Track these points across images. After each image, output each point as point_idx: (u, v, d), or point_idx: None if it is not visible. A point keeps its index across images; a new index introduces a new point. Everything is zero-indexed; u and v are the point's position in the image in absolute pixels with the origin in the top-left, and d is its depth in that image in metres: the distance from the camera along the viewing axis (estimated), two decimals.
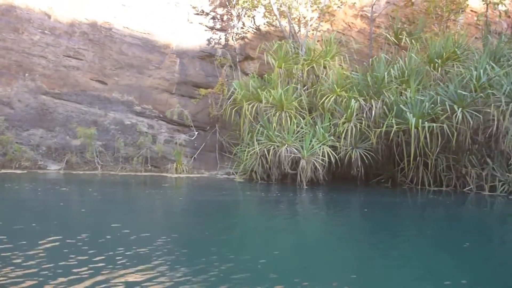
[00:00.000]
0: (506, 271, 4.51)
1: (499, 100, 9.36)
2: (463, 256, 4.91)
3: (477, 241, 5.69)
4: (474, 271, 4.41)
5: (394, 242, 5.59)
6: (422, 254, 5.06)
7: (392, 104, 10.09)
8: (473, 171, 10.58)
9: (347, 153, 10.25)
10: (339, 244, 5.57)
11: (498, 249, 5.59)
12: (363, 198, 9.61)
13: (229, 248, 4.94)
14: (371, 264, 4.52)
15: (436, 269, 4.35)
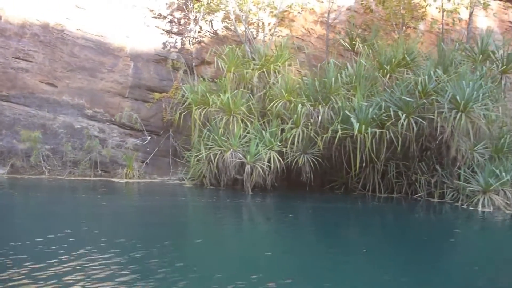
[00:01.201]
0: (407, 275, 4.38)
1: (443, 106, 9.31)
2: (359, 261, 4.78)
3: (393, 245, 5.59)
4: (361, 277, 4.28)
5: (292, 246, 5.51)
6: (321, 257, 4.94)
7: (339, 109, 10.00)
8: (423, 178, 10.54)
9: (295, 159, 10.12)
10: (250, 249, 5.44)
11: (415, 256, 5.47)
12: (305, 204, 9.46)
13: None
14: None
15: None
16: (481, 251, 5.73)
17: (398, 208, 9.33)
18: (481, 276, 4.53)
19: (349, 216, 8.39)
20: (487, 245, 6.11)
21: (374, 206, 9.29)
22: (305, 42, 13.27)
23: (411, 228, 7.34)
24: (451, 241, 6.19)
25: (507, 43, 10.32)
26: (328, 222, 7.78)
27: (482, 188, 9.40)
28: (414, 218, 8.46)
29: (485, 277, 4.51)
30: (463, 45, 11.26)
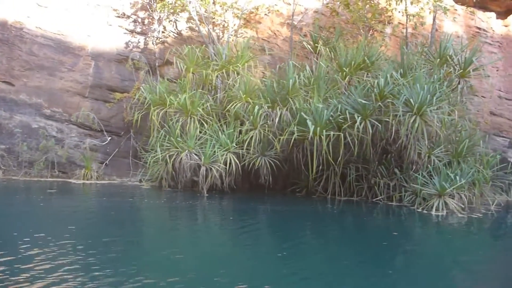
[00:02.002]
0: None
1: (399, 109, 9.29)
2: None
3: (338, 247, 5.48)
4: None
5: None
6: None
7: (297, 111, 9.92)
8: (382, 182, 10.51)
9: (252, 161, 10.01)
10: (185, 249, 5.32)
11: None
12: (257, 206, 9.32)
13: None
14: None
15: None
16: (404, 253, 5.63)
17: (351, 211, 9.27)
18: (401, 279, 4.45)
19: (299, 219, 8.25)
20: (415, 247, 6.00)
21: (328, 209, 9.21)
22: (271, 44, 13.21)
23: (354, 231, 7.26)
24: (384, 244, 6.06)
25: (465, 48, 10.36)
26: (274, 224, 7.68)
27: (438, 192, 9.40)
28: (362, 221, 8.34)
29: (404, 281, 4.43)
30: (423, 49, 11.28)
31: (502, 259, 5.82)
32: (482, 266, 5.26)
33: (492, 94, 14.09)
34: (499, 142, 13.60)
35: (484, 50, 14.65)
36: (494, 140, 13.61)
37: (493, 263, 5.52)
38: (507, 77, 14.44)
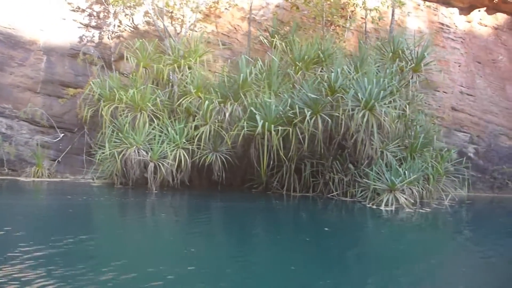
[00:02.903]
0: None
1: (349, 104, 9.20)
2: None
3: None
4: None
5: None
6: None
7: (248, 106, 9.78)
8: (337, 177, 10.44)
9: (203, 157, 9.84)
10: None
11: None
12: (206, 203, 9.13)
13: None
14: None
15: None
16: (319, 248, 5.52)
17: (299, 206, 9.15)
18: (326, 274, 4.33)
19: (248, 215, 8.08)
20: (337, 243, 5.87)
21: (275, 205, 9.07)
22: (231, 39, 13.03)
23: (284, 227, 7.10)
24: (306, 240, 5.92)
25: (418, 43, 10.31)
26: (220, 221, 7.51)
27: (388, 187, 9.35)
28: (299, 217, 8.13)
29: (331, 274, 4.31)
30: (378, 44, 11.21)
31: (416, 251, 5.80)
32: (391, 257, 5.28)
33: (454, 90, 14.13)
34: (460, 137, 13.65)
35: (447, 46, 14.72)
36: (455, 135, 13.66)
37: (399, 255, 5.48)
38: (469, 72, 14.50)
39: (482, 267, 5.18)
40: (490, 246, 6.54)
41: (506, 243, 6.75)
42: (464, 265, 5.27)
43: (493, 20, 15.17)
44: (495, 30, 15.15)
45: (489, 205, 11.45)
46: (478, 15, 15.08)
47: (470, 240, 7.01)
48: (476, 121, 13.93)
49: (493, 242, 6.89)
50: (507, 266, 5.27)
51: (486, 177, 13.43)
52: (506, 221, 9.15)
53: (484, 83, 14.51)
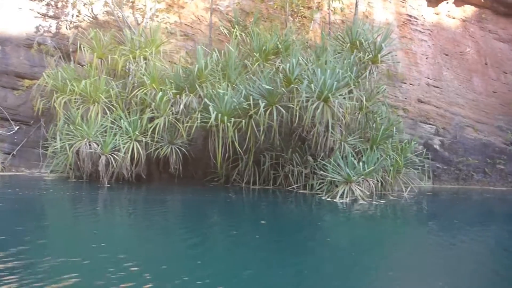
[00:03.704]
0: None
1: (306, 95, 9.07)
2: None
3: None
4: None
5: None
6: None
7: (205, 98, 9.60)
8: (296, 170, 10.35)
9: (158, 149, 9.65)
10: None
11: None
12: (157, 196, 8.95)
13: None
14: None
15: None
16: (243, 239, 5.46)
17: (256, 199, 9.03)
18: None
19: (189, 208, 7.90)
20: (268, 236, 5.81)
21: (230, 198, 8.93)
22: (195, 30, 12.81)
23: (228, 218, 6.98)
24: (233, 233, 5.84)
25: (376, 33, 10.20)
26: (165, 214, 7.35)
27: (345, 179, 9.28)
28: (251, 209, 8.01)
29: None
30: (337, 34, 11.09)
31: (346, 242, 5.78)
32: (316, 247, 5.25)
33: (421, 82, 14.11)
34: (426, 129, 13.65)
35: (414, 38, 14.68)
36: (421, 127, 13.66)
37: (328, 246, 5.44)
38: (436, 64, 14.49)
39: (412, 257, 5.15)
40: (430, 236, 6.52)
41: (446, 234, 6.73)
42: (398, 256, 5.22)
43: (461, 13, 15.16)
44: (463, 22, 15.15)
45: (449, 196, 11.45)
46: (446, 7, 15.06)
47: (412, 231, 6.99)
48: (442, 113, 13.94)
49: (433, 233, 6.88)
50: (441, 255, 5.23)
51: (451, 169, 13.46)
52: (456, 212, 9.15)
53: (451, 75, 14.52)
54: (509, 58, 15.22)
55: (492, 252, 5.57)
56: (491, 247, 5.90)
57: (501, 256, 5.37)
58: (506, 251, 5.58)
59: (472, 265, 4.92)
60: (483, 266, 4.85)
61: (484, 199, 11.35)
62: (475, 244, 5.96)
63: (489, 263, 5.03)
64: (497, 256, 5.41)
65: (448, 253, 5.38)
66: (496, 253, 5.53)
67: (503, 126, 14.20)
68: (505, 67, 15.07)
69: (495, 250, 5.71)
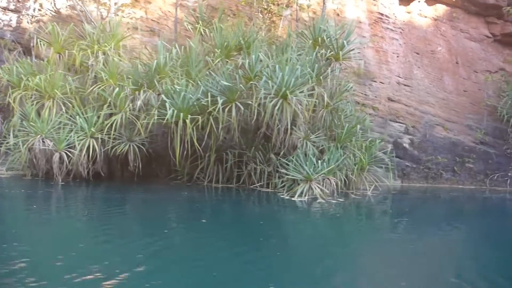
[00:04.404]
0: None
1: (267, 92, 8.93)
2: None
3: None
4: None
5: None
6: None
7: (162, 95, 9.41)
8: (259, 168, 10.22)
9: (115, 147, 9.44)
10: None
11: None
12: (106, 194, 8.76)
13: None
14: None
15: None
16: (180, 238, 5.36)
17: (214, 198, 8.90)
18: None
19: (142, 207, 7.72)
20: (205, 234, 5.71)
21: (186, 196, 8.75)
22: (161, 26, 12.60)
23: (178, 216, 6.85)
24: (164, 232, 5.67)
25: (339, 31, 10.11)
26: (103, 211, 7.16)
27: (305, 178, 9.17)
28: (199, 208, 7.78)
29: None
30: (301, 31, 10.98)
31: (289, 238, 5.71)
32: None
33: (391, 80, 14.07)
34: (396, 127, 13.61)
35: (385, 36, 14.65)
36: (390, 125, 13.62)
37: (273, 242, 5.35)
38: (407, 63, 14.47)
39: (354, 254, 5.07)
40: (379, 234, 6.44)
41: (395, 231, 6.68)
42: (337, 253, 5.12)
43: (432, 11, 15.17)
44: (435, 21, 15.16)
45: (414, 195, 11.44)
46: (418, 6, 15.05)
47: (360, 229, 6.92)
48: (412, 112, 13.92)
49: (382, 230, 6.82)
50: (383, 252, 5.15)
51: (420, 167, 13.45)
52: (413, 210, 9.12)
53: (422, 73, 14.51)
54: (480, 57, 15.27)
55: (437, 252, 5.51)
56: (438, 245, 5.84)
57: (446, 256, 5.31)
58: (447, 251, 5.52)
59: (416, 263, 4.84)
60: (426, 265, 4.77)
61: (447, 198, 11.35)
62: (421, 242, 5.89)
63: (430, 262, 4.94)
64: (442, 255, 5.34)
65: (392, 250, 5.32)
66: (441, 252, 5.47)
67: (473, 125, 14.23)
68: (476, 66, 15.12)
69: (440, 248, 5.65)
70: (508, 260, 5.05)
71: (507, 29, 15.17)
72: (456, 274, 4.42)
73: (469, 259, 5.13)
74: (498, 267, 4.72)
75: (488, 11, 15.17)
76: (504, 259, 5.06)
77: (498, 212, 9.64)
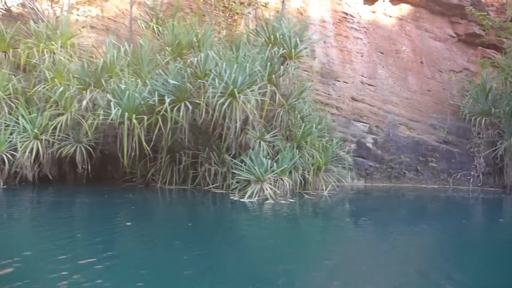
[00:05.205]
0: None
1: (216, 90, 8.73)
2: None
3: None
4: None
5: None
6: None
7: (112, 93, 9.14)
8: (213, 168, 10.03)
9: (61, 148, 9.14)
10: None
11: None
12: (46, 198, 8.48)
13: None
14: None
15: None
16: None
17: (161, 200, 8.69)
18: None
19: (88, 210, 7.50)
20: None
21: (130, 199, 8.47)
22: (118, 24, 12.31)
23: (112, 220, 6.61)
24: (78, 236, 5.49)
25: (292, 28, 9.97)
26: (33, 214, 6.91)
27: (256, 179, 9.00)
28: (143, 211, 7.58)
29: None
30: (255, 29, 10.82)
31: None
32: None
33: (355, 80, 14.00)
34: (359, 127, 13.54)
35: (350, 36, 14.58)
36: (354, 125, 13.54)
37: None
38: (371, 62, 14.43)
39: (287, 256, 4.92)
40: (316, 235, 6.31)
41: (340, 231, 6.56)
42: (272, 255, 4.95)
43: (397, 11, 15.17)
44: (400, 21, 15.15)
45: (374, 194, 11.36)
46: (382, 6, 15.03)
47: (302, 228, 6.79)
48: (376, 111, 13.87)
49: (326, 230, 6.69)
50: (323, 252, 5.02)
51: (383, 167, 13.39)
52: (367, 210, 9.04)
53: (386, 73, 14.48)
54: (444, 57, 15.32)
55: (381, 249, 5.42)
56: (379, 245, 5.75)
57: (386, 255, 5.19)
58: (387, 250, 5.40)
59: (351, 265, 4.70)
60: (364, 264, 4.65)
61: (406, 197, 11.34)
62: (365, 242, 5.79)
63: (369, 261, 4.82)
64: (382, 254, 5.23)
65: (333, 250, 5.23)
66: (383, 251, 5.36)
67: (436, 124, 14.25)
68: (440, 66, 15.16)
69: (384, 248, 5.55)
70: (467, 258, 4.96)
71: (471, 29, 15.25)
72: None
73: (422, 262, 5.02)
74: (456, 265, 4.62)
75: (452, 11, 15.24)
76: (462, 258, 5.00)
77: (459, 211, 9.63)
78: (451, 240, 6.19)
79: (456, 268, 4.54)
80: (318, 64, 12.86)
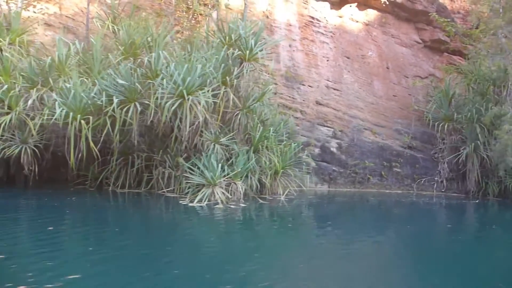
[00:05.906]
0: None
1: (165, 91, 8.51)
2: None
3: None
4: None
5: None
6: None
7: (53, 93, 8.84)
8: (167, 172, 9.78)
9: (4, 149, 8.77)
10: None
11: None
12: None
13: None
14: None
15: None
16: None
17: (106, 204, 8.38)
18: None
19: (15, 212, 7.15)
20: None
21: (69, 203, 8.15)
22: (77, 22, 12.00)
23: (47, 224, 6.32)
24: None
25: (250, 30, 9.83)
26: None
27: (208, 182, 8.79)
28: (81, 216, 7.29)
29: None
30: (213, 31, 10.66)
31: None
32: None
33: (320, 84, 13.95)
34: (324, 131, 13.46)
35: (316, 40, 14.54)
36: (318, 129, 13.45)
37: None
38: (337, 67, 14.40)
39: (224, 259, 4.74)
40: (250, 241, 6.12)
41: (281, 235, 6.39)
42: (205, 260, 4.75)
43: (364, 16, 15.20)
44: (366, 26, 15.19)
45: (334, 199, 11.27)
46: (349, 11, 15.05)
47: (242, 232, 6.62)
48: (341, 116, 13.82)
49: (268, 234, 6.52)
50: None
51: (347, 172, 13.33)
52: (317, 214, 8.91)
53: (352, 78, 14.47)
54: (410, 62, 15.41)
55: (318, 252, 5.26)
56: (322, 248, 5.60)
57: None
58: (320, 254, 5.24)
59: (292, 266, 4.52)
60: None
61: (368, 202, 11.25)
62: (303, 246, 5.64)
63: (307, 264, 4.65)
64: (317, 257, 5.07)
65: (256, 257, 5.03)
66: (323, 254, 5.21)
67: (401, 129, 14.28)
68: (406, 71, 15.24)
69: (321, 250, 5.40)
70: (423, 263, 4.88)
71: (436, 35, 15.39)
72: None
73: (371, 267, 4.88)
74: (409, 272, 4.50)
75: (417, 17, 15.35)
76: (417, 261, 4.94)
77: (421, 216, 9.60)
78: (394, 249, 6.07)
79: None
80: (283, 68, 12.75)
